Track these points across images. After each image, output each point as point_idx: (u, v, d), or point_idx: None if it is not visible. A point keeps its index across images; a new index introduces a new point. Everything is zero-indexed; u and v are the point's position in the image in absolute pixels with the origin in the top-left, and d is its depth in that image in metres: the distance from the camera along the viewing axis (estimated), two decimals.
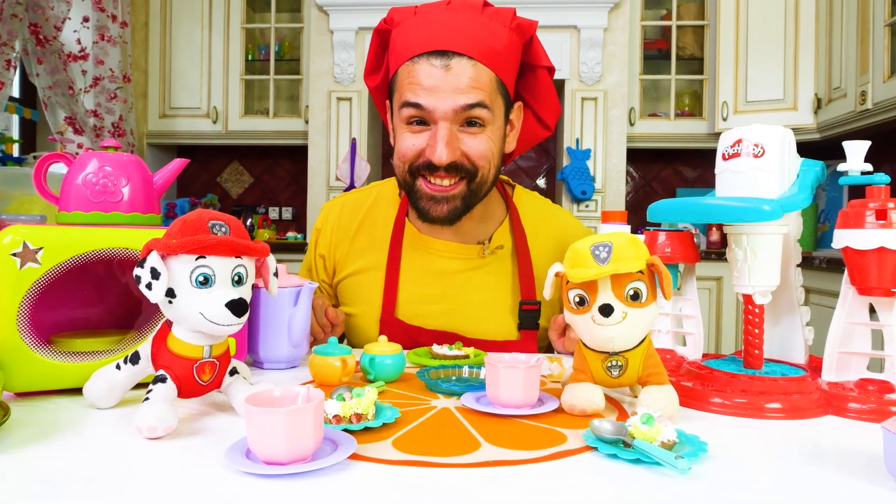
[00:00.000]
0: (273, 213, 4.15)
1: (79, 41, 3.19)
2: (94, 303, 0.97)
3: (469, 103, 1.04)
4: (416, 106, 1.05)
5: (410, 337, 1.18)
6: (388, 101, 1.19)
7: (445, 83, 1.03)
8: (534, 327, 1.20)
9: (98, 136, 3.27)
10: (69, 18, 3.10)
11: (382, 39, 1.15)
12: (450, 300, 1.20)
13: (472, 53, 1.04)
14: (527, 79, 1.18)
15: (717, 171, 0.91)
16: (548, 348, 1.30)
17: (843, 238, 0.82)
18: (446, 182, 1.09)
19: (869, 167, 0.85)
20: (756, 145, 0.86)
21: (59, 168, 0.97)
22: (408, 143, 1.09)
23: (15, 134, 3.34)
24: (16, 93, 3.36)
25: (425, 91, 1.04)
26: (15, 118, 3.31)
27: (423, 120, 1.07)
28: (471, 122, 1.07)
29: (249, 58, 3.87)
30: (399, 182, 1.16)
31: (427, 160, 1.07)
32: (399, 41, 1.09)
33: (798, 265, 0.97)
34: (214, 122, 3.76)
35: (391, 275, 1.20)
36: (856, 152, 0.85)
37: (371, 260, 1.24)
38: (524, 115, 1.21)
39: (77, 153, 3.18)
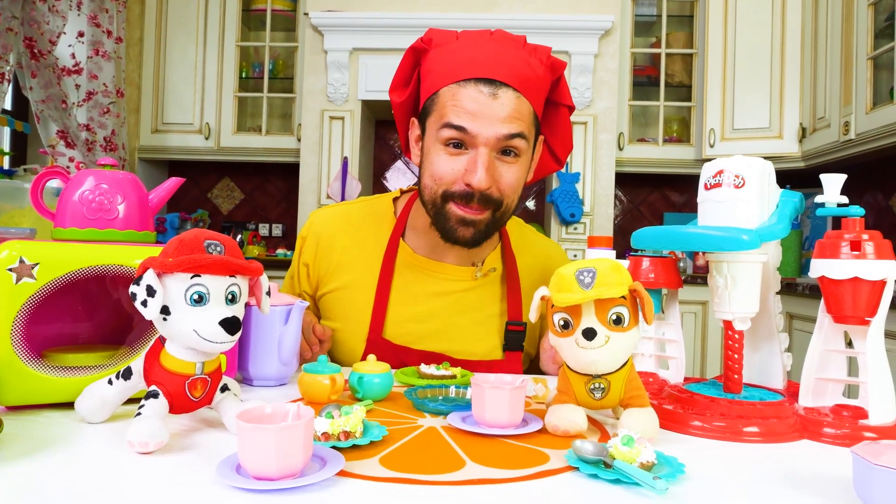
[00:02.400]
0: (263, 229, 4.15)
1: (73, 55, 3.21)
2: (87, 318, 0.98)
3: (511, 133, 1.07)
4: (460, 129, 1.07)
5: (397, 357, 1.18)
6: (414, 119, 1.20)
7: (490, 110, 1.06)
8: (518, 349, 1.22)
9: (90, 150, 3.28)
10: (64, 33, 3.12)
11: (416, 58, 1.17)
12: (440, 320, 1.22)
13: (516, 85, 1.07)
14: (548, 114, 1.21)
15: (699, 200, 0.94)
16: (531, 369, 1.33)
17: (819, 268, 0.85)
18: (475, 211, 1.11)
19: (845, 199, 0.88)
20: (737, 176, 0.89)
21: (52, 181, 0.99)
22: (445, 165, 1.10)
23: (5, 146, 3.34)
24: (8, 105, 3.37)
25: (470, 115, 1.06)
26: (6, 130, 3.31)
27: (461, 143, 1.09)
28: (506, 151, 1.09)
29: (243, 75, 3.90)
30: (426, 202, 1.16)
31: (464, 187, 1.09)
32: (440, 62, 1.11)
33: (777, 293, 0.99)
34: (207, 139, 3.78)
35: (381, 294, 1.21)
36: (833, 185, 0.88)
37: (359, 276, 1.24)
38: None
39: (68, 167, 3.18)
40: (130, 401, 0.80)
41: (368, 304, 1.21)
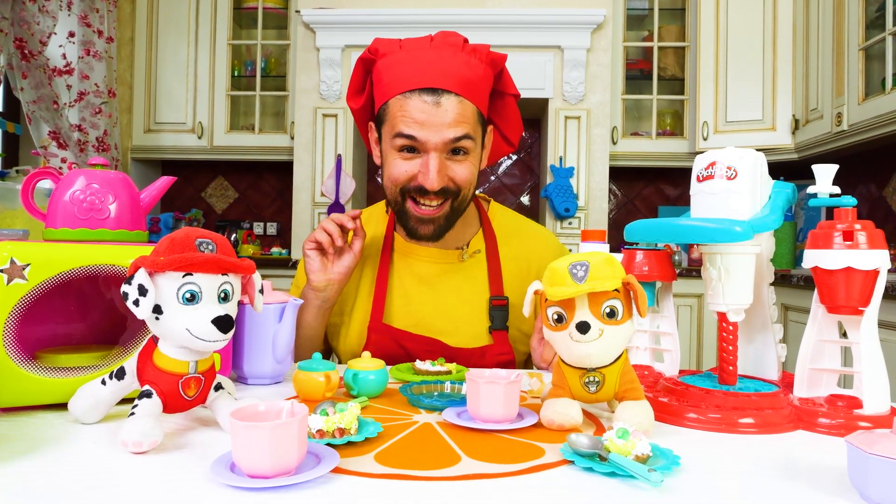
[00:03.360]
0: (258, 228, 4.14)
1: (64, 56, 3.19)
2: (80, 318, 0.98)
3: (457, 136, 1.15)
4: (410, 137, 1.15)
5: (396, 340, 1.24)
6: (371, 123, 1.28)
7: (436, 118, 1.14)
8: (503, 327, 1.27)
9: (82, 150, 3.27)
10: (55, 33, 3.10)
11: (366, 67, 1.24)
12: (432, 300, 1.29)
13: (458, 90, 1.15)
14: (496, 104, 1.29)
15: (691, 192, 0.94)
16: (528, 362, 1.35)
17: (812, 258, 0.85)
18: (434, 203, 1.20)
19: (837, 190, 0.88)
20: (729, 168, 0.89)
21: (43, 182, 0.98)
22: (400, 168, 1.19)
23: None
24: None
25: (417, 124, 1.14)
26: None
27: (413, 148, 1.17)
28: (456, 151, 1.18)
29: (235, 74, 3.89)
30: (389, 202, 1.26)
31: (419, 185, 1.17)
32: (387, 73, 1.19)
33: (771, 284, 0.99)
34: (200, 138, 3.77)
35: (381, 282, 1.28)
36: (824, 175, 0.88)
37: (360, 270, 1.32)
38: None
39: (61, 168, 3.17)
40: (124, 401, 0.80)
41: (369, 293, 1.30)
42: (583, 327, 0.74)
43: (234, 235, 4.00)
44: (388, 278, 1.29)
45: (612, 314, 0.75)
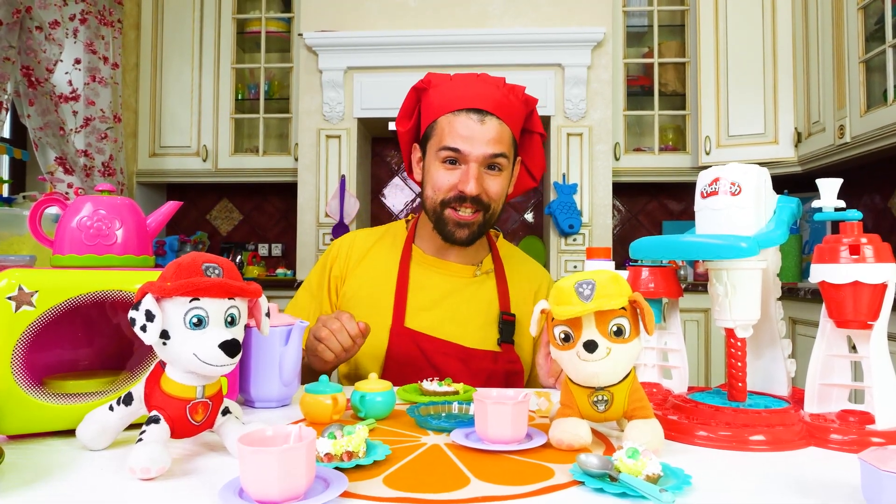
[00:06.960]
0: (262, 249, 4.15)
1: (70, 82, 3.22)
2: (87, 344, 0.98)
3: (495, 153, 1.32)
4: (454, 150, 1.32)
5: (415, 342, 1.33)
6: (416, 144, 1.45)
7: (480, 134, 1.31)
8: (510, 340, 1.38)
9: (88, 175, 3.29)
10: (61, 61, 3.13)
11: (417, 95, 1.42)
12: (448, 308, 1.40)
13: (499, 114, 1.33)
14: (524, 140, 1.46)
15: (696, 208, 0.94)
16: (532, 383, 1.41)
17: (819, 273, 0.85)
18: (469, 212, 1.34)
19: (842, 203, 0.88)
20: (733, 184, 0.89)
21: (50, 209, 0.99)
22: (443, 178, 1.35)
23: (4, 174, 3.34)
24: (6, 133, 3.38)
25: (462, 139, 1.31)
26: (5, 158, 3.32)
27: (455, 160, 1.33)
28: (491, 167, 1.34)
29: (239, 97, 3.92)
30: (427, 210, 1.41)
31: (458, 192, 1.33)
32: (437, 97, 1.37)
33: (778, 298, 0.99)
34: (204, 161, 3.79)
35: (401, 290, 1.39)
36: (829, 189, 0.88)
37: (381, 276, 1.43)
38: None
39: (67, 193, 3.19)
40: (132, 426, 0.79)
41: (390, 297, 1.39)
42: (590, 346, 0.74)
43: (239, 257, 4.01)
44: (407, 287, 1.40)
45: (619, 332, 0.75)
